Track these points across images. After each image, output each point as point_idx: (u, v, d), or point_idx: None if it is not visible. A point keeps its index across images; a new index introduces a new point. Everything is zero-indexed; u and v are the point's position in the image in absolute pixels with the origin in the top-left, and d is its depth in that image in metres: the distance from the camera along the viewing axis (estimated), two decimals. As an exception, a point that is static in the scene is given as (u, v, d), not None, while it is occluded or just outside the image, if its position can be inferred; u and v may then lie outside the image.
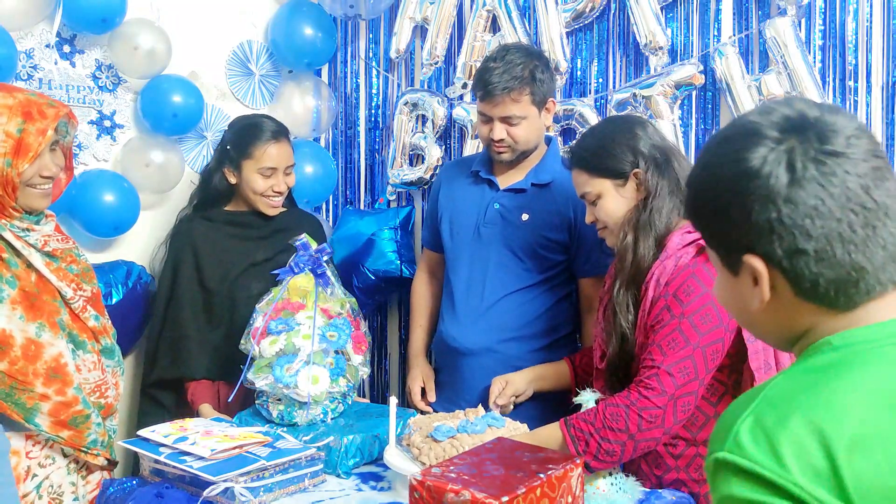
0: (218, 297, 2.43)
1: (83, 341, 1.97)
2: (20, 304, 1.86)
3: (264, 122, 2.45)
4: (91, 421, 1.95)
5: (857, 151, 0.85)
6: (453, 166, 2.57)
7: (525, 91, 2.22)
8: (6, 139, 1.81)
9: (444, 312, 2.45)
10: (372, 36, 3.07)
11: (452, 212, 2.45)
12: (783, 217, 0.85)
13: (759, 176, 0.85)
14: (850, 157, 0.85)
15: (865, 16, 2.41)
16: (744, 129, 0.89)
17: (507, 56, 2.23)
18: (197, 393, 2.36)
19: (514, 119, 2.24)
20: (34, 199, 1.90)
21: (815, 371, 0.86)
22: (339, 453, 1.89)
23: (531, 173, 2.36)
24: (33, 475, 1.90)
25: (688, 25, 2.61)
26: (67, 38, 2.54)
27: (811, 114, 0.88)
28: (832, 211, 0.84)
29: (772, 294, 0.90)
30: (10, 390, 1.82)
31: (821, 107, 0.89)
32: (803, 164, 0.85)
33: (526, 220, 2.33)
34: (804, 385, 0.85)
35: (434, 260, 2.58)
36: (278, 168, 2.41)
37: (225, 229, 2.47)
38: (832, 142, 0.85)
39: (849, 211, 0.84)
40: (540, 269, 2.34)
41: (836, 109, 0.89)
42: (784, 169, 0.85)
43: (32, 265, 1.90)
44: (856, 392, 0.82)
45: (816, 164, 0.84)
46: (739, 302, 0.94)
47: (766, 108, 0.90)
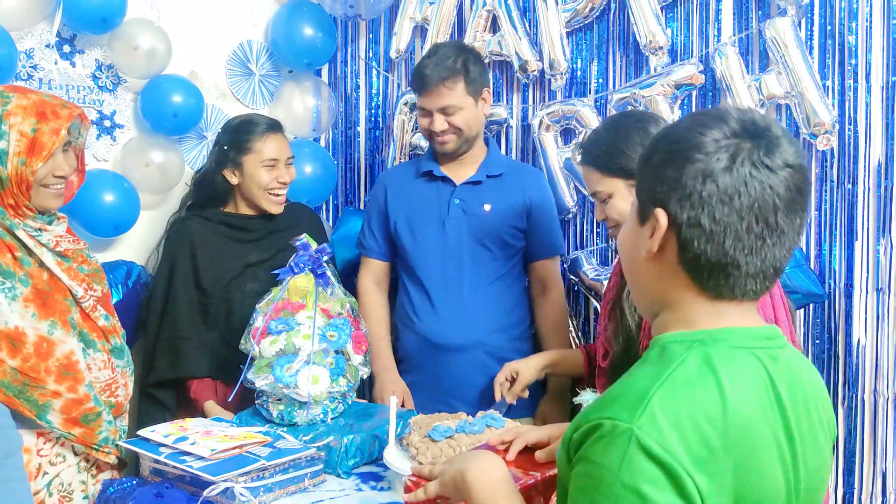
0: (213, 299, 2.42)
1: (93, 340, 1.98)
2: (33, 302, 1.87)
3: (256, 118, 2.48)
4: (102, 418, 1.96)
5: (787, 178, 0.96)
6: (395, 172, 2.62)
7: (458, 80, 2.35)
8: (21, 138, 1.84)
9: (419, 312, 2.45)
10: (372, 36, 3.07)
11: (409, 214, 2.48)
12: (703, 192, 0.96)
13: (705, 152, 0.96)
14: (779, 177, 0.96)
15: (865, 16, 2.41)
16: (718, 114, 1.00)
17: (440, 51, 2.37)
18: (200, 391, 2.36)
19: (451, 108, 2.35)
20: (47, 199, 1.92)
21: (706, 363, 0.96)
22: (339, 453, 1.89)
23: (482, 167, 2.46)
24: (44, 473, 1.91)
25: (688, 25, 2.62)
26: (67, 38, 2.54)
27: (774, 131, 0.98)
28: (741, 208, 0.95)
29: (660, 253, 1.01)
30: (22, 387, 1.83)
31: (786, 132, 1.00)
32: (742, 160, 0.95)
33: (489, 210, 2.42)
34: (704, 375, 0.95)
35: (381, 270, 2.57)
36: (280, 159, 2.43)
37: (221, 230, 2.46)
38: (773, 158, 0.96)
39: (753, 216, 0.96)
40: (507, 257, 2.44)
41: (795, 142, 0.99)
42: (727, 156, 0.96)
43: (44, 264, 1.91)
44: (735, 392, 0.94)
45: (752, 166, 0.95)
46: (633, 248, 1.05)
47: (746, 110, 1.01)
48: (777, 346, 1.03)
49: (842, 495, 2.49)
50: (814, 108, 2.40)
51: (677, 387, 0.94)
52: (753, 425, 0.95)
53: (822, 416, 1.06)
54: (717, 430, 0.91)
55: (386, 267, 2.57)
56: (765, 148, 0.96)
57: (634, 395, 0.93)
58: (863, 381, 2.47)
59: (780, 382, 1.00)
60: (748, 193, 0.95)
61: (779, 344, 1.04)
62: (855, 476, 2.49)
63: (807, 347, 2.53)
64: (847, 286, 2.49)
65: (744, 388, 0.95)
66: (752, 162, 0.95)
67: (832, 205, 2.50)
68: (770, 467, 0.96)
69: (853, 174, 2.46)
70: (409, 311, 2.47)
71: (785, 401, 0.99)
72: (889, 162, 2.42)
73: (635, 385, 0.95)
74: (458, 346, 2.38)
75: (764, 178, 0.95)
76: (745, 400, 0.95)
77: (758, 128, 0.97)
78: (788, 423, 0.99)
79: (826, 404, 1.09)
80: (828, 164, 2.50)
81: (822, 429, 1.06)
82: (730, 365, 0.96)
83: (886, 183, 2.43)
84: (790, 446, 0.99)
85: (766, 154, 0.96)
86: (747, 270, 0.98)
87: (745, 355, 0.99)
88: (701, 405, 0.92)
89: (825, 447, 1.06)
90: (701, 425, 0.91)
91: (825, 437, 1.07)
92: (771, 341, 1.02)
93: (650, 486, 0.88)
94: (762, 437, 0.96)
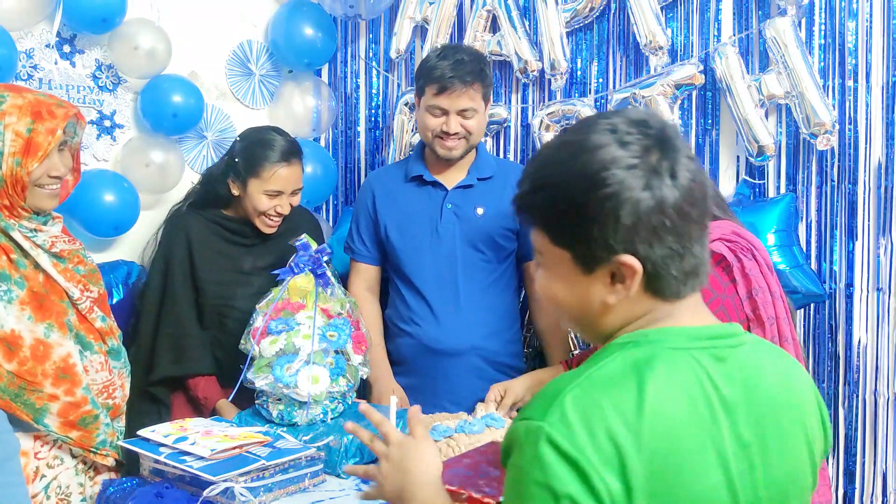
0: (207, 298, 2.40)
1: (90, 342, 1.97)
2: (29, 305, 1.86)
3: (276, 141, 2.36)
4: (100, 421, 1.95)
5: (687, 174, 0.96)
6: (381, 175, 2.58)
7: (478, 86, 2.33)
8: (16, 139, 1.81)
9: (417, 317, 2.43)
10: (372, 36, 3.07)
11: (401, 219, 2.46)
12: (654, 222, 0.94)
13: (620, 182, 0.94)
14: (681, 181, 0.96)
15: (865, 16, 2.41)
16: (605, 137, 0.97)
17: (457, 54, 2.33)
18: (208, 390, 2.35)
19: (469, 112, 2.33)
20: (43, 200, 1.90)
21: (632, 363, 0.95)
22: (339, 453, 1.89)
23: (472, 170, 2.45)
24: (41, 476, 1.90)
25: (688, 25, 2.62)
26: (67, 38, 2.54)
27: (669, 130, 0.98)
28: (670, 216, 0.95)
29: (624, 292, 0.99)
30: (19, 391, 1.82)
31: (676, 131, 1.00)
32: (654, 175, 0.94)
33: (481, 213, 2.41)
34: (626, 376, 0.94)
35: (372, 274, 2.54)
36: (285, 192, 2.36)
37: (218, 231, 2.44)
38: (671, 159, 0.96)
39: (674, 213, 0.95)
40: (500, 259, 2.43)
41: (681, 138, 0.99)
42: (641, 182, 0.94)
43: (40, 266, 1.90)
44: (664, 395, 0.93)
45: (664, 176, 0.95)
46: (584, 299, 1.01)
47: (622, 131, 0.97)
48: (728, 345, 1.00)
49: (842, 495, 2.49)
50: (814, 108, 2.40)
51: (593, 385, 0.93)
52: (679, 428, 0.92)
53: (796, 418, 1.02)
54: (630, 431, 0.89)
55: (377, 271, 2.54)
56: (669, 158, 0.96)
57: (550, 393, 0.93)
58: (863, 381, 2.47)
59: (726, 383, 0.97)
60: (671, 200, 0.95)
61: (730, 343, 1.01)
62: (855, 476, 2.50)
63: (807, 347, 2.53)
64: (847, 286, 2.49)
65: (671, 390, 0.93)
66: (666, 173, 0.95)
67: (832, 205, 2.50)
68: (702, 472, 0.93)
69: (853, 174, 2.46)
70: (405, 315, 2.46)
71: (732, 403, 0.97)
72: (889, 162, 2.42)
73: (555, 384, 0.95)
74: (455, 351, 2.38)
75: (683, 173, 0.96)
76: (670, 402, 0.92)
77: (657, 137, 0.97)
78: (737, 425, 0.96)
79: (806, 405, 1.05)
80: (828, 164, 2.50)
81: (798, 432, 1.02)
82: (659, 366, 0.94)
83: (886, 183, 2.43)
84: (740, 450, 0.96)
85: (665, 159, 0.96)
86: (684, 270, 0.98)
87: (681, 356, 0.96)
88: (615, 405, 0.91)
89: (800, 451, 1.03)
90: (612, 425, 0.89)
91: (803, 441, 1.03)
92: (719, 340, 1.00)
93: (560, 483, 0.87)
94: (690, 440, 0.93)
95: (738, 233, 1.74)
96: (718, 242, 1.69)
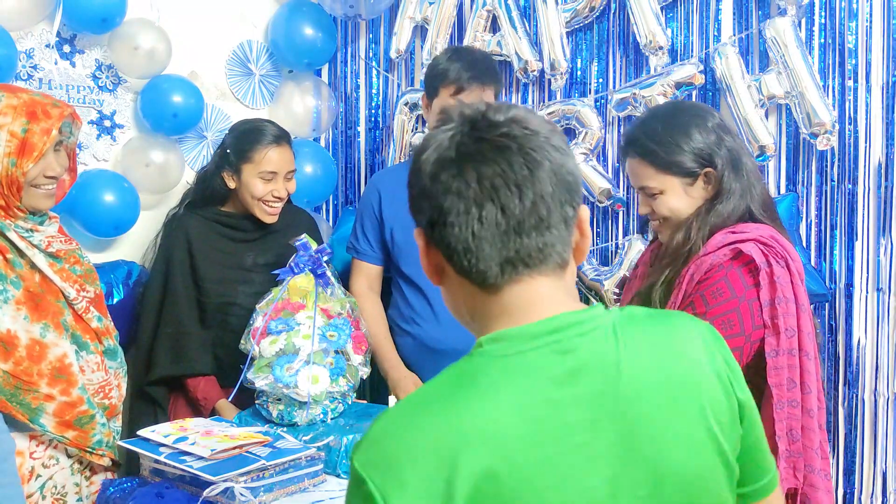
0: (210, 297, 2.40)
1: (86, 342, 1.97)
2: (25, 305, 1.86)
3: (265, 126, 2.42)
4: (96, 421, 1.95)
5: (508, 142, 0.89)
6: (387, 176, 2.59)
7: (493, 86, 2.36)
8: (11, 139, 1.81)
9: (419, 318, 2.44)
10: (372, 36, 3.07)
11: (405, 220, 2.43)
12: (426, 191, 0.91)
13: (421, 154, 0.93)
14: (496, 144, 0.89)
15: (865, 16, 2.41)
16: (440, 120, 0.96)
17: (468, 55, 2.36)
18: (208, 390, 2.35)
19: None
20: (38, 200, 1.89)
21: (456, 378, 0.88)
22: (339, 453, 1.89)
23: None
24: (37, 476, 1.90)
25: (688, 25, 2.62)
26: (67, 38, 2.54)
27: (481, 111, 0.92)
28: (462, 189, 0.88)
29: (443, 273, 0.94)
30: (14, 391, 1.82)
31: (497, 108, 0.93)
32: (449, 146, 0.90)
33: None
34: (443, 394, 0.87)
35: (374, 273, 2.55)
36: (279, 172, 2.38)
37: (217, 228, 2.45)
38: (481, 131, 0.90)
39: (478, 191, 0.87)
40: None
41: (508, 109, 0.93)
42: (434, 149, 0.91)
43: (36, 266, 1.89)
44: (490, 413, 0.83)
45: (458, 147, 0.90)
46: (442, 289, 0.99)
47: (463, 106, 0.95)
48: (577, 333, 0.88)
49: (842, 495, 2.49)
50: (814, 108, 2.40)
51: (406, 407, 0.87)
52: (511, 450, 0.82)
53: (681, 394, 0.89)
54: (439, 463, 0.81)
55: (379, 270, 2.55)
56: (469, 126, 0.91)
57: (373, 421, 0.89)
58: (863, 381, 2.47)
59: (574, 380, 0.86)
60: (460, 173, 0.88)
61: (580, 331, 0.89)
62: (855, 476, 2.50)
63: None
64: (847, 286, 2.49)
65: (499, 407, 0.83)
66: (457, 143, 0.90)
67: (832, 205, 2.50)
68: (558, 491, 0.83)
69: (853, 174, 2.46)
70: (408, 316, 2.47)
71: (585, 400, 0.86)
72: (889, 162, 2.42)
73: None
74: (456, 351, 2.36)
75: (474, 152, 0.89)
76: (499, 420, 0.83)
77: (465, 114, 0.93)
78: (597, 424, 0.86)
79: (695, 375, 0.91)
80: (828, 164, 2.50)
81: (687, 408, 0.89)
82: (481, 381, 0.86)
83: (886, 183, 2.43)
84: (607, 451, 0.85)
85: (472, 130, 0.90)
86: (501, 243, 0.88)
87: (511, 363, 0.87)
88: (423, 430, 0.83)
89: (693, 429, 0.89)
90: (416, 454, 0.82)
91: (697, 417, 0.89)
92: (566, 331, 0.88)
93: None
94: (529, 460, 0.82)
95: (777, 238, 1.67)
96: (752, 244, 1.63)
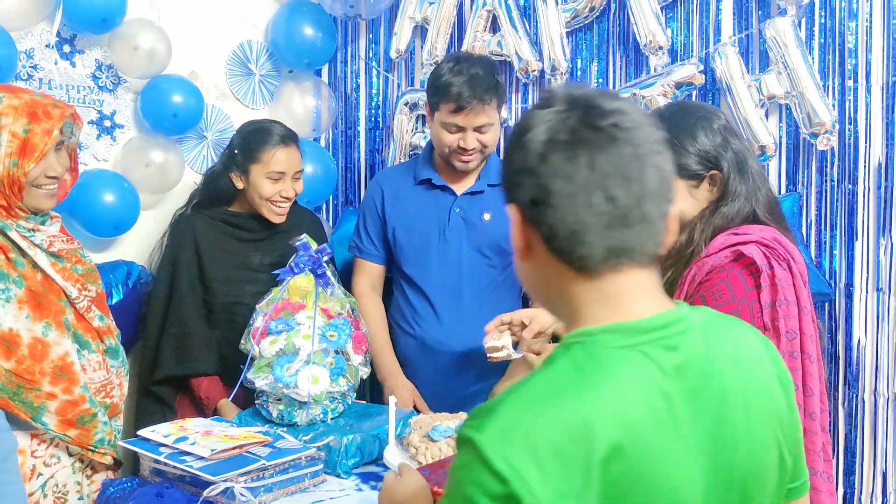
0: (217, 296, 2.42)
1: (88, 341, 1.98)
2: (27, 304, 1.86)
3: (273, 127, 2.44)
4: (98, 420, 1.96)
5: (620, 133, 0.91)
6: (390, 176, 2.58)
7: (494, 99, 2.32)
8: (12, 139, 1.82)
9: (421, 319, 2.44)
10: (372, 36, 3.07)
11: (409, 222, 2.46)
12: (532, 169, 0.92)
13: (527, 132, 0.93)
14: (609, 134, 0.91)
15: (865, 16, 2.41)
16: (541, 98, 0.97)
17: (471, 68, 2.30)
18: (211, 390, 2.36)
19: (486, 127, 2.33)
20: (40, 200, 1.90)
21: (577, 367, 0.90)
22: (339, 453, 1.89)
23: (482, 176, 2.45)
24: (38, 474, 1.91)
25: (688, 25, 2.62)
26: (67, 38, 2.54)
27: (592, 96, 0.94)
28: (573, 174, 0.90)
29: (531, 250, 0.96)
30: (17, 389, 1.83)
31: (609, 95, 0.95)
32: (560, 129, 0.92)
33: (488, 219, 2.41)
34: (570, 382, 0.88)
35: (376, 273, 2.55)
36: (287, 173, 2.39)
37: (224, 228, 2.47)
38: (595, 118, 0.91)
39: (590, 178, 0.90)
40: (504, 265, 2.42)
41: (618, 98, 0.95)
42: (545, 129, 0.92)
43: (38, 265, 1.90)
44: (618, 395, 0.87)
45: (571, 132, 0.91)
46: (517, 260, 1.00)
47: (565, 86, 0.98)
48: (678, 331, 0.93)
49: (842, 495, 2.49)
50: (814, 108, 2.40)
51: (535, 394, 0.87)
52: (636, 433, 0.86)
53: (754, 391, 0.97)
54: (577, 444, 0.83)
55: (382, 270, 2.55)
56: (582, 111, 0.92)
57: (492, 402, 0.88)
58: (863, 381, 2.47)
59: (681, 374, 0.91)
60: (573, 157, 0.90)
61: (680, 329, 0.94)
62: (855, 476, 2.50)
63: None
64: (847, 286, 2.49)
65: (623, 393, 0.87)
66: (570, 128, 0.91)
67: (832, 205, 2.50)
68: (669, 474, 0.87)
69: (853, 174, 2.46)
70: (409, 316, 2.47)
71: (690, 393, 0.91)
72: (889, 162, 2.42)
73: (501, 394, 0.90)
74: (458, 353, 2.39)
75: (588, 138, 0.90)
76: (622, 407, 0.86)
77: (575, 97, 0.94)
78: (697, 416, 0.91)
79: (763, 375, 0.99)
80: (828, 164, 2.50)
81: (759, 403, 0.97)
82: (606, 369, 0.88)
83: (886, 183, 2.43)
84: (704, 441, 0.91)
85: (585, 116, 0.91)
86: (607, 232, 0.91)
87: (629, 355, 0.90)
88: (558, 416, 0.84)
89: (764, 424, 0.97)
90: (555, 438, 0.83)
91: (768, 411, 0.98)
92: (667, 328, 0.93)
93: (487, 501, 0.82)
94: (651, 443, 0.86)
95: (780, 240, 1.65)
96: (753, 246, 1.62)
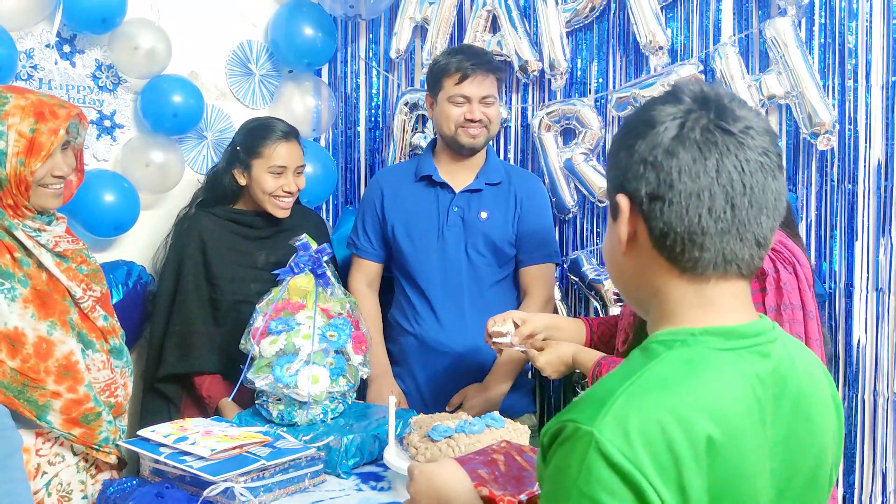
0: (223, 295, 2.43)
1: (92, 341, 1.99)
2: (32, 303, 1.87)
3: (274, 123, 2.47)
4: (102, 419, 1.96)
5: (749, 142, 0.91)
6: (391, 174, 2.60)
7: (495, 76, 2.40)
8: (19, 139, 1.84)
9: (420, 318, 2.44)
10: (372, 36, 3.07)
11: (408, 220, 2.47)
12: (654, 162, 0.91)
13: (654, 125, 0.93)
14: (739, 140, 0.91)
15: (865, 16, 2.41)
16: (670, 92, 0.97)
17: (469, 48, 2.42)
18: (213, 389, 2.36)
19: (491, 98, 2.38)
20: (46, 199, 1.92)
21: (685, 364, 0.91)
22: (339, 453, 1.89)
23: (481, 174, 2.46)
24: (43, 472, 1.91)
25: (688, 25, 2.62)
26: (67, 38, 2.54)
27: (725, 99, 0.94)
28: (700, 174, 0.90)
29: (634, 242, 0.96)
30: (22, 388, 1.83)
31: (739, 101, 0.95)
32: (692, 126, 0.91)
33: (485, 217, 2.42)
34: (681, 375, 0.89)
35: (374, 271, 2.56)
36: (288, 167, 2.41)
37: (229, 226, 2.47)
38: (728, 122, 0.91)
39: (715, 181, 0.90)
40: (502, 263, 2.44)
41: (747, 106, 0.95)
42: (675, 124, 0.92)
43: (43, 265, 1.91)
44: (720, 393, 0.89)
45: (703, 132, 0.91)
46: (610, 247, 1.01)
47: (694, 83, 0.97)
48: (769, 339, 0.96)
49: (842, 495, 2.49)
50: (814, 108, 2.40)
51: (648, 388, 0.87)
52: (738, 432, 0.88)
53: (821, 409, 1.00)
54: (689, 439, 0.84)
55: (379, 268, 2.56)
56: (715, 113, 0.91)
57: (600, 395, 0.87)
58: (863, 381, 2.47)
59: (771, 381, 0.94)
60: (703, 158, 0.90)
61: (770, 338, 0.97)
62: (855, 476, 2.50)
63: (807, 347, 2.53)
64: (847, 286, 2.49)
65: (728, 393, 0.89)
66: (702, 127, 0.91)
67: (832, 205, 2.50)
68: (757, 474, 0.90)
69: (853, 174, 2.46)
70: (408, 314, 2.47)
71: (776, 399, 0.94)
72: (889, 162, 2.42)
73: (605, 385, 0.89)
74: (457, 352, 2.39)
75: (719, 142, 0.90)
76: (728, 405, 0.88)
77: (707, 97, 0.93)
78: (777, 422, 0.93)
79: (826, 396, 1.03)
80: (828, 164, 2.50)
81: (822, 420, 1.00)
82: (711, 368, 0.90)
83: (886, 183, 2.43)
84: (779, 446, 0.93)
85: (718, 118, 0.91)
86: (720, 236, 0.91)
87: (730, 357, 0.92)
88: (672, 409, 0.85)
89: (823, 438, 1.00)
90: (670, 432, 0.83)
91: (827, 428, 1.01)
92: (760, 336, 0.95)
93: (608, 496, 0.81)
94: (748, 443, 0.89)
95: (786, 244, 1.66)
96: None
